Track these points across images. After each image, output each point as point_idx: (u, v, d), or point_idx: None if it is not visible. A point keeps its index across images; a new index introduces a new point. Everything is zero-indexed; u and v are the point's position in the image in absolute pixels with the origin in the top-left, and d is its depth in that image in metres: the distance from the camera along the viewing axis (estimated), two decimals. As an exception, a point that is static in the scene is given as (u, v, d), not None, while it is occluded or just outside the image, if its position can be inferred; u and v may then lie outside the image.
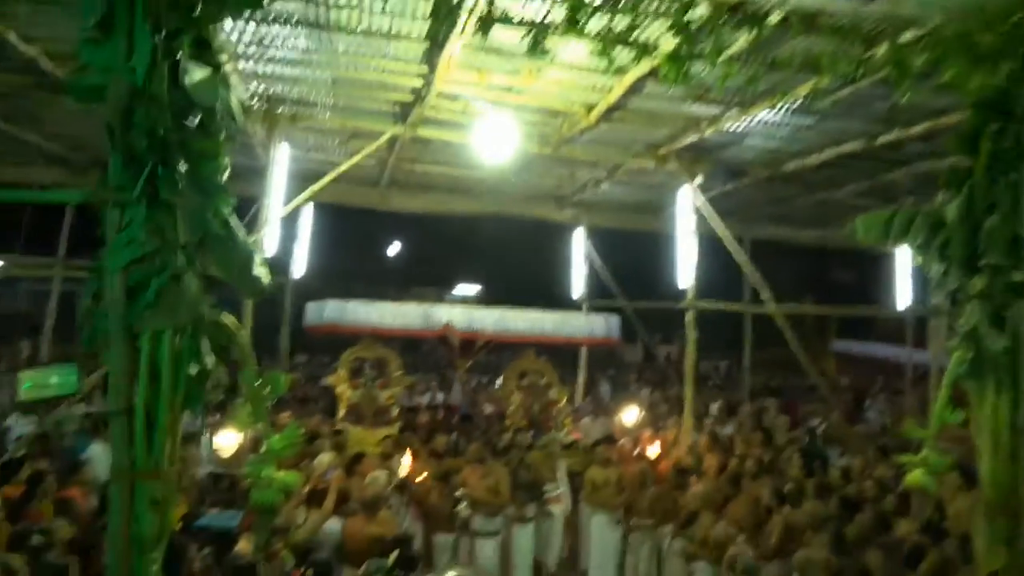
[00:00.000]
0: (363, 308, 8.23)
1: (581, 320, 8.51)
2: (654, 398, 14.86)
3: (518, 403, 9.22)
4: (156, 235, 3.29)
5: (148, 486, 3.38)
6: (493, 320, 8.11)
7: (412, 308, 8.12)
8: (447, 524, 7.02)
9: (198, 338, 3.40)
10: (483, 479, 7.35)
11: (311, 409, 11.23)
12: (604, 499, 8.11)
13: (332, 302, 8.46)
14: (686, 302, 8.68)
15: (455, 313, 8.10)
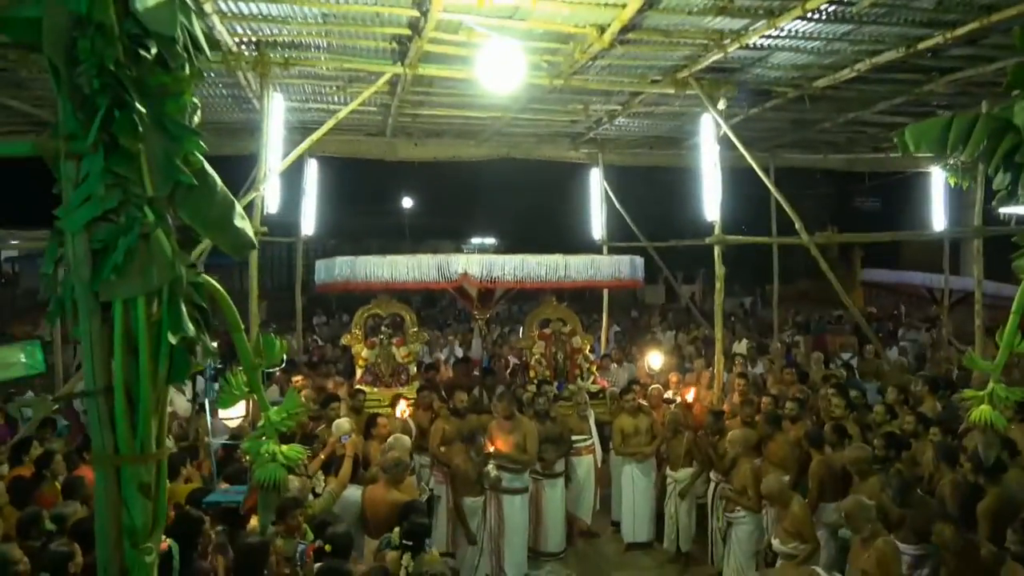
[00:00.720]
0: (374, 263, 7.80)
1: (605, 262, 8.05)
2: (680, 340, 14.55)
3: (541, 353, 8.89)
4: (117, 188, 2.87)
5: (135, 471, 3.02)
6: (512, 267, 7.64)
7: (426, 260, 7.68)
8: (474, 487, 6.76)
9: (177, 303, 2.99)
10: (509, 435, 7.03)
11: (329, 371, 11.03)
12: (635, 447, 7.84)
13: (342, 259, 8.07)
14: (713, 237, 8.21)
15: (472, 262, 7.64)
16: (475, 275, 7.61)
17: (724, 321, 8.84)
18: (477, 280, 7.65)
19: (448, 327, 17.83)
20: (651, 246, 12.49)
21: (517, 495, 7.20)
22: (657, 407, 8.36)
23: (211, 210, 3.12)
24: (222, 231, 3.16)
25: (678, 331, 16.27)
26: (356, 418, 7.37)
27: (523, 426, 7.25)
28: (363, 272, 7.83)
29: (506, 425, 7.15)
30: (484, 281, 7.69)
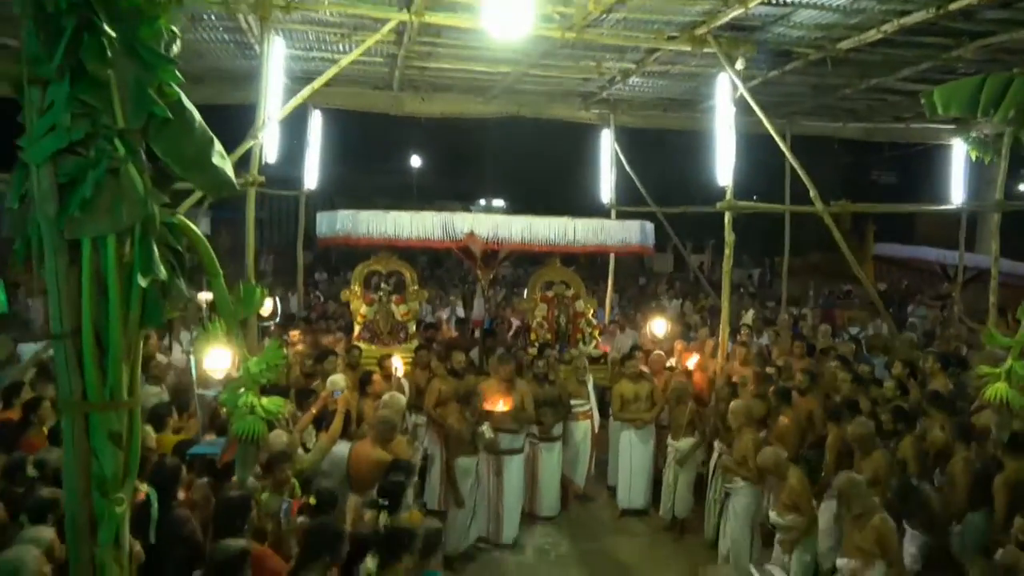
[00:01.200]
0: (377, 218, 7.62)
1: (615, 227, 7.85)
2: (686, 309, 14.39)
3: (543, 316, 8.75)
4: (85, 119, 2.68)
5: (105, 419, 2.88)
6: (519, 229, 7.45)
7: (430, 217, 7.51)
8: (468, 447, 6.67)
9: (149, 244, 2.82)
10: (506, 397, 6.93)
11: (329, 327, 10.93)
12: (634, 414, 7.74)
13: (344, 212, 7.90)
14: (724, 203, 7.98)
15: (478, 222, 7.45)
16: (480, 235, 7.44)
17: (731, 292, 8.63)
18: (482, 240, 7.47)
19: (454, 287, 17.69)
20: (661, 212, 12.24)
21: (515, 456, 7.11)
22: (659, 374, 8.25)
23: (187, 146, 2.93)
24: (199, 169, 2.98)
25: (684, 300, 16.11)
26: (351, 374, 7.29)
27: (519, 388, 7.17)
28: (365, 227, 7.67)
29: (502, 387, 7.05)
30: (489, 242, 7.51)
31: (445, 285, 18.46)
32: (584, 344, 8.77)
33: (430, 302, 13.38)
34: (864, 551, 4.68)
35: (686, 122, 12.69)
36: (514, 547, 7.10)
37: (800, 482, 5.64)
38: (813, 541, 5.67)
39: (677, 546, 7.31)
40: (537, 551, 7.12)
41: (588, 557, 7.05)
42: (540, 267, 9.44)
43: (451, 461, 6.66)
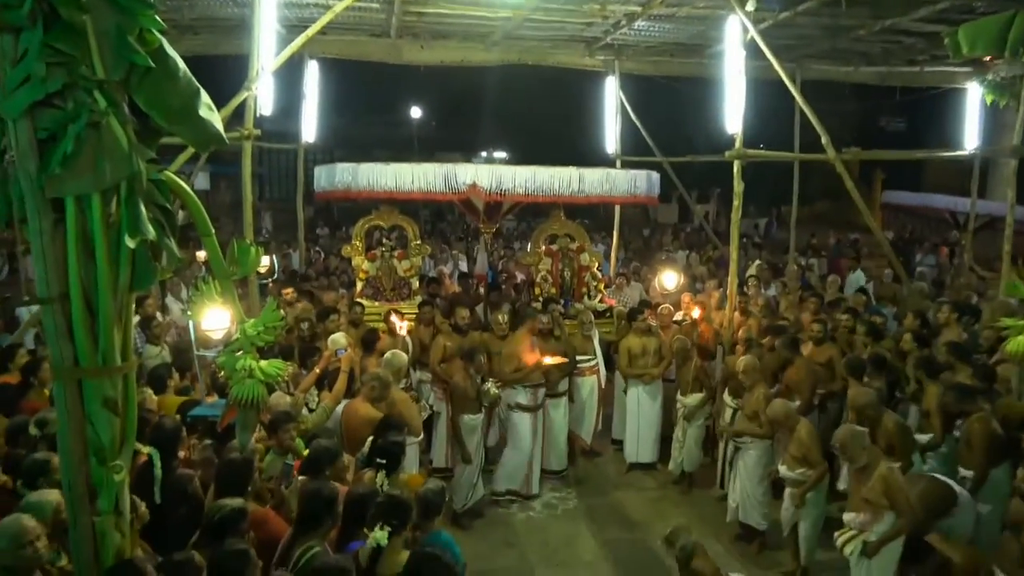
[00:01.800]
0: (377, 170, 7.41)
1: (621, 177, 7.64)
2: (692, 260, 14.25)
3: (547, 270, 8.63)
4: (61, 68, 2.52)
5: (98, 385, 2.79)
6: (523, 179, 7.25)
7: (432, 169, 7.30)
8: (473, 404, 6.63)
9: (136, 203, 2.68)
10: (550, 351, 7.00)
11: (332, 283, 10.86)
12: (642, 369, 7.68)
13: (343, 165, 7.70)
14: (733, 152, 7.77)
15: (481, 173, 7.24)
16: (483, 187, 7.24)
17: (738, 242, 8.49)
18: (485, 192, 7.28)
19: (459, 241, 17.52)
20: (666, 161, 12.01)
21: (523, 414, 7.10)
22: (667, 328, 8.16)
23: (172, 97, 2.77)
24: (185, 122, 2.82)
25: (691, 251, 15.96)
26: (354, 332, 7.23)
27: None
28: (366, 180, 7.46)
29: (536, 341, 7.08)
30: (493, 193, 7.32)
31: (448, 239, 18.28)
32: (589, 298, 8.66)
33: (432, 256, 13.27)
34: (871, 503, 4.64)
35: (693, 68, 12.37)
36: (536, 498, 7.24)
37: (809, 435, 5.59)
38: (822, 494, 5.66)
39: (685, 499, 7.32)
40: (545, 505, 7.14)
41: (596, 511, 7.07)
42: (544, 220, 9.28)
43: (456, 418, 6.63)
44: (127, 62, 2.65)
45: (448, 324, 7.67)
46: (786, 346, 6.85)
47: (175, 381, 5.84)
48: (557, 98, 23.94)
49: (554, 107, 24.88)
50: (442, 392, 7.16)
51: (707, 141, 19.71)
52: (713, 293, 9.54)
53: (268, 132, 7.89)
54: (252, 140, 7.31)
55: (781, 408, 5.73)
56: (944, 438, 5.71)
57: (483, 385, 6.61)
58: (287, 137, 12.41)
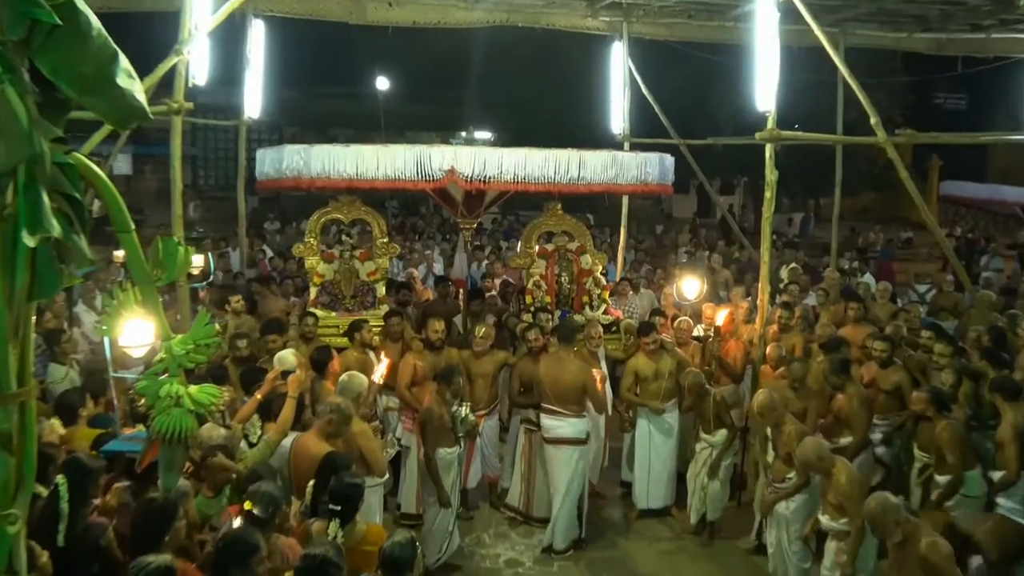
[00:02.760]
0: (334, 154, 7.34)
1: (629, 160, 7.63)
2: (714, 262, 14.30)
3: (540, 274, 8.61)
4: (-56, 25, 2.44)
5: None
6: (512, 164, 7.20)
7: (401, 152, 7.23)
8: (448, 435, 6.61)
9: (37, 192, 2.61)
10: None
11: (280, 289, 10.80)
12: (652, 395, 7.71)
13: (292, 147, 7.65)
14: (765, 132, 7.78)
15: (460, 156, 7.19)
16: (464, 172, 7.19)
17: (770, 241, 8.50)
18: (465, 179, 7.23)
19: (434, 239, 17.50)
20: (684, 144, 12.03)
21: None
22: (685, 345, 8.15)
23: (83, 62, 2.71)
24: (99, 92, 2.75)
25: (712, 252, 16.01)
26: (305, 348, 7.19)
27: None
28: (320, 165, 7.38)
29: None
30: (474, 181, 7.27)
31: (420, 236, 18.26)
32: (591, 308, 8.64)
33: (401, 257, 13.23)
34: None
35: (717, 32, 12.42)
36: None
37: (850, 479, 5.58)
38: (872, 550, 5.64)
39: (706, 552, 7.30)
40: (537, 560, 7.09)
41: (599, 566, 7.03)
42: (537, 214, 9.26)
43: (429, 452, 6.58)
44: (27, 18, 2.59)
45: (419, 339, 7.61)
46: (836, 370, 6.84)
47: (88, 409, 5.76)
48: (552, 68, 23.97)
49: (549, 79, 24.92)
50: (412, 422, 7.10)
51: (733, 121, 19.86)
52: (741, 303, 9.55)
53: (203, 106, 7.81)
54: (183, 115, 7.24)
55: (812, 449, 5.71)
56: (1019, 474, 5.74)
57: (457, 409, 6.59)
58: (226, 112, 12.38)
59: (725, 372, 8.30)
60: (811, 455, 5.68)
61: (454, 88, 30.36)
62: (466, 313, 8.86)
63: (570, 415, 7.06)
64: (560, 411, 7.05)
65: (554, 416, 7.08)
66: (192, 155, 30.28)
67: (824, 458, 5.67)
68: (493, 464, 7.93)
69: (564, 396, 7.02)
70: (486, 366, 7.60)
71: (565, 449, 7.08)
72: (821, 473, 5.71)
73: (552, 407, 7.07)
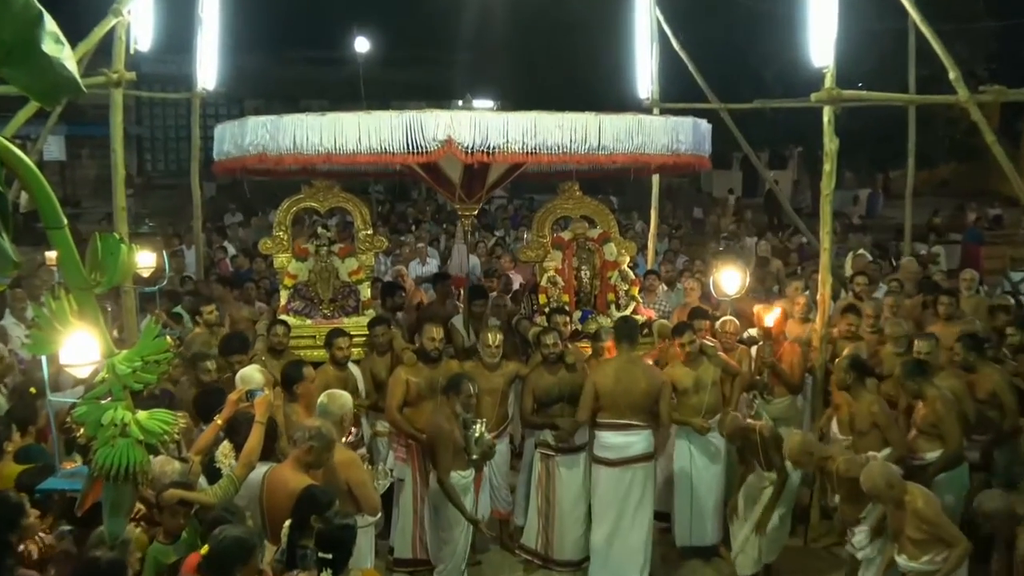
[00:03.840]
0: (309, 124, 7.29)
1: (658, 125, 7.59)
2: (764, 250, 14.28)
3: (556, 269, 8.61)
4: None
5: None
6: (520, 131, 7.11)
7: (387, 119, 7.12)
8: (460, 457, 6.62)
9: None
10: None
11: (243, 293, 10.82)
12: (692, 412, 7.69)
13: (256, 119, 7.61)
14: (822, 92, 7.74)
15: (458, 123, 7.09)
16: (463, 142, 7.10)
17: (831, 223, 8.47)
18: (465, 150, 7.16)
19: (424, 229, 17.52)
20: (725, 109, 11.99)
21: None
22: (731, 351, 8.14)
23: (0, 25, 2.73)
24: (21, 62, 2.75)
25: (760, 238, 15.98)
26: (275, 364, 7.20)
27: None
28: (289, 139, 7.29)
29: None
30: (477, 152, 7.20)
31: (411, 226, 18.28)
32: (618, 308, 8.63)
33: (390, 252, 13.24)
34: None
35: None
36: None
37: (928, 503, 5.58)
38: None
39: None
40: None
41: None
42: (551, 198, 9.25)
43: (444, 478, 6.60)
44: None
45: (412, 350, 7.61)
46: (911, 373, 6.83)
47: (15, 441, 5.78)
48: (565, 22, 24.01)
49: (561, 36, 24.96)
50: (405, 450, 7.12)
51: (783, 80, 19.78)
52: (797, 299, 9.52)
53: (148, 76, 7.81)
54: (124, 88, 7.26)
55: (880, 474, 5.70)
56: None
57: (472, 428, 6.60)
58: (176, 83, 12.41)
59: (780, 381, 8.27)
60: (879, 482, 5.66)
61: (448, 49, 30.40)
62: (467, 317, 8.86)
63: (644, 427, 7.28)
64: (636, 424, 7.23)
65: (627, 431, 7.23)
66: (137, 135, 30.43)
67: (894, 485, 5.65)
68: (503, 497, 7.93)
69: (640, 405, 7.24)
70: (495, 380, 7.59)
71: (638, 469, 7.26)
72: (891, 504, 5.70)
73: (624, 420, 7.21)
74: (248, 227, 19.50)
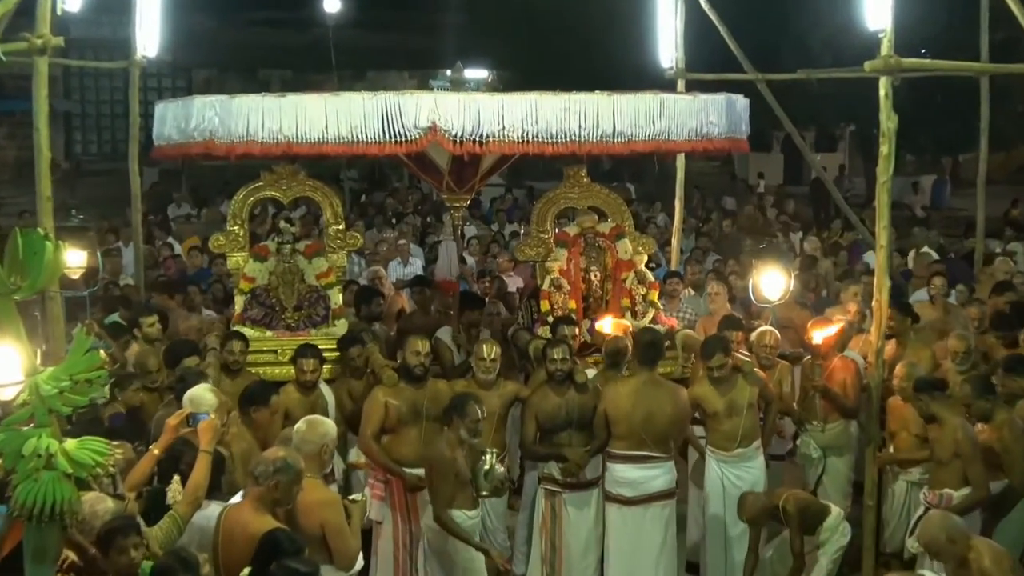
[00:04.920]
0: (266, 107, 7.37)
1: (683, 104, 7.62)
2: (810, 248, 14.31)
3: (561, 270, 8.63)
4: None
5: None
6: (518, 114, 7.19)
7: (359, 101, 7.22)
8: (466, 492, 6.61)
9: None
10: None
11: (193, 300, 10.82)
12: (725, 438, 7.68)
13: (204, 99, 7.66)
14: (878, 61, 7.76)
15: (444, 106, 7.18)
16: (451, 130, 7.19)
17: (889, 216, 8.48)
18: (452, 139, 7.25)
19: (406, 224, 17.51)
20: (763, 80, 12.02)
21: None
22: (770, 369, 8.17)
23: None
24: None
25: (807, 233, 16.00)
26: (230, 385, 7.21)
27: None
28: (243, 123, 7.37)
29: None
30: (467, 141, 7.28)
31: (391, 221, 18.28)
32: (635, 317, 8.66)
33: (364, 252, 13.25)
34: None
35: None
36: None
37: (997, 561, 5.57)
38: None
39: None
40: None
41: None
42: (555, 185, 9.27)
43: (440, 514, 6.58)
44: None
45: (392, 368, 7.61)
46: (980, 391, 6.91)
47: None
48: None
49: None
50: (383, 487, 7.16)
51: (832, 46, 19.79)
52: (850, 305, 9.55)
53: (79, 42, 7.77)
54: (50, 55, 7.28)
55: (939, 526, 5.71)
56: None
57: (485, 459, 6.59)
58: (111, 50, 12.42)
59: (833, 406, 8.27)
60: (939, 536, 5.66)
61: (434, 9, 30.42)
62: (457, 325, 8.89)
63: (667, 458, 7.39)
64: (657, 455, 7.30)
65: (646, 464, 7.28)
66: (65, 111, 30.45)
67: (956, 539, 5.63)
68: (500, 542, 7.93)
69: (663, 434, 7.31)
70: (491, 402, 7.52)
71: (660, 508, 7.35)
72: (952, 562, 5.66)
73: (643, 452, 7.27)
74: (198, 220, 19.50)
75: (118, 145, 18.69)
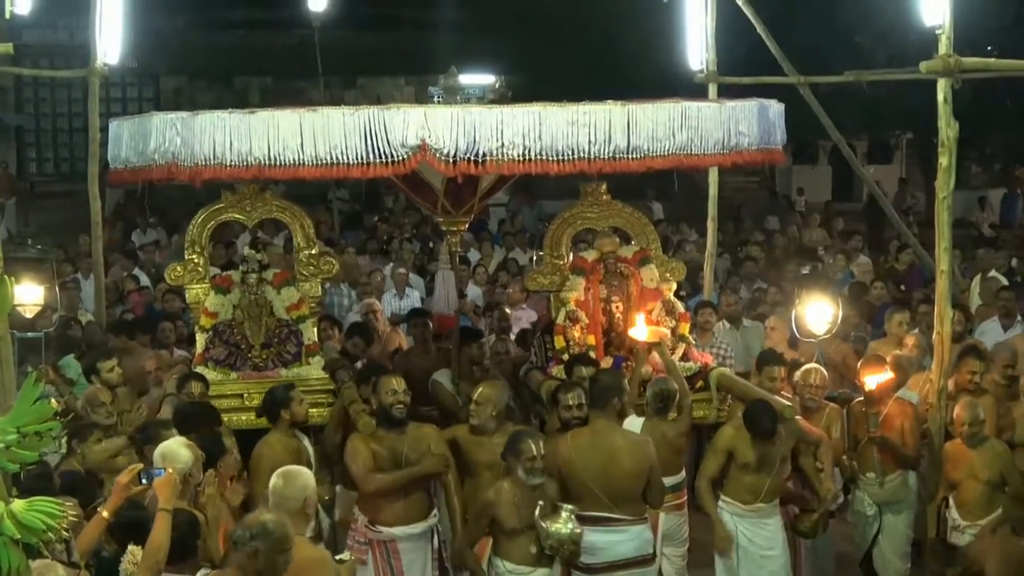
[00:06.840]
0: (233, 126, 7.41)
1: (711, 113, 7.64)
2: (861, 272, 14.30)
3: (578, 302, 8.64)
4: None
5: None
6: (520, 129, 7.23)
7: (338, 118, 7.26)
8: (522, 544, 6.75)
9: None
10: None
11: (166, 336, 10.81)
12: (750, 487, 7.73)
13: (164, 116, 7.68)
14: (935, 61, 7.80)
15: (435, 121, 7.23)
16: (442, 148, 7.22)
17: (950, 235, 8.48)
18: (445, 160, 7.27)
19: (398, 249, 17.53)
20: (806, 83, 12.06)
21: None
22: (816, 412, 8.18)
23: None
24: None
25: (857, 255, 15.98)
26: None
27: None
28: (208, 143, 7.39)
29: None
30: (461, 159, 7.31)
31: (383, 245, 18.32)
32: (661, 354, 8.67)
33: (351, 281, 13.26)
34: None
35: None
36: None
37: None
38: None
39: None
40: None
41: None
42: (570, 203, 9.29)
43: (462, 549, 6.89)
44: None
45: (367, 412, 7.58)
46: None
47: None
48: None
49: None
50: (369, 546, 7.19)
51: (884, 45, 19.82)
52: (907, 339, 9.54)
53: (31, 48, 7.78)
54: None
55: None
56: None
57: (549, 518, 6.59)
58: (68, 56, 12.50)
59: (890, 456, 8.24)
60: None
61: (433, 4, 30.55)
62: (457, 365, 8.90)
63: (633, 520, 7.18)
64: (617, 517, 7.12)
65: (608, 528, 7.12)
66: (16, 126, 30.65)
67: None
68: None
69: (623, 492, 7.12)
70: (492, 451, 7.56)
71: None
72: None
73: (601, 513, 7.11)
74: (169, 247, 19.49)
75: (76, 163, 18.78)
